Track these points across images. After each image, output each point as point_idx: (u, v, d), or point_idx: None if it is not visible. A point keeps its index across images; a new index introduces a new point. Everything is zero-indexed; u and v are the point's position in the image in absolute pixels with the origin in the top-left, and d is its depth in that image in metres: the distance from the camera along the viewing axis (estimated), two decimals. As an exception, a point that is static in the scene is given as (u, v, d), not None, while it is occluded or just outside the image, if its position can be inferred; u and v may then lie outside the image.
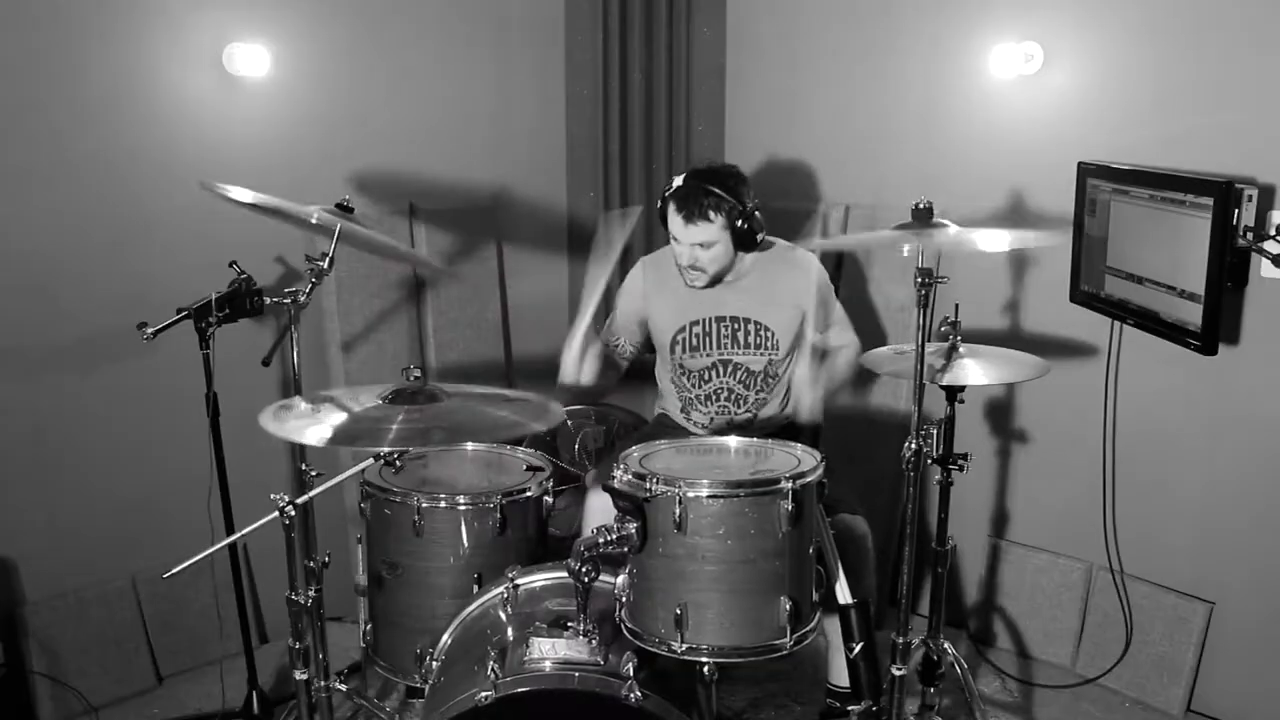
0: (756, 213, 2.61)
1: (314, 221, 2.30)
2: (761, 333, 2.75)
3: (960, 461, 2.42)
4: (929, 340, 2.21)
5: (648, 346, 2.93)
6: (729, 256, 2.65)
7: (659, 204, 2.67)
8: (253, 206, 2.33)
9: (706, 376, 2.78)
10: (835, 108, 3.44)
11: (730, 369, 2.76)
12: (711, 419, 2.80)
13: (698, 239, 2.59)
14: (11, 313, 2.70)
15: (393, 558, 2.31)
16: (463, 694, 1.86)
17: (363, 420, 1.92)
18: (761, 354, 2.76)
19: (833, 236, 3.33)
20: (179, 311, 2.50)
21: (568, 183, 3.66)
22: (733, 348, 2.75)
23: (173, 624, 3.03)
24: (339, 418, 1.92)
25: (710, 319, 2.75)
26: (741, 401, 2.78)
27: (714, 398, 2.79)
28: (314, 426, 1.87)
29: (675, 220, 2.60)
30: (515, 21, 3.48)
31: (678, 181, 2.62)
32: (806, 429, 2.78)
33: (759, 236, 2.61)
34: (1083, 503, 3.02)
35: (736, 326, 2.75)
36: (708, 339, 2.75)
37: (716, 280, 2.69)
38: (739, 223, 2.58)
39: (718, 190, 2.56)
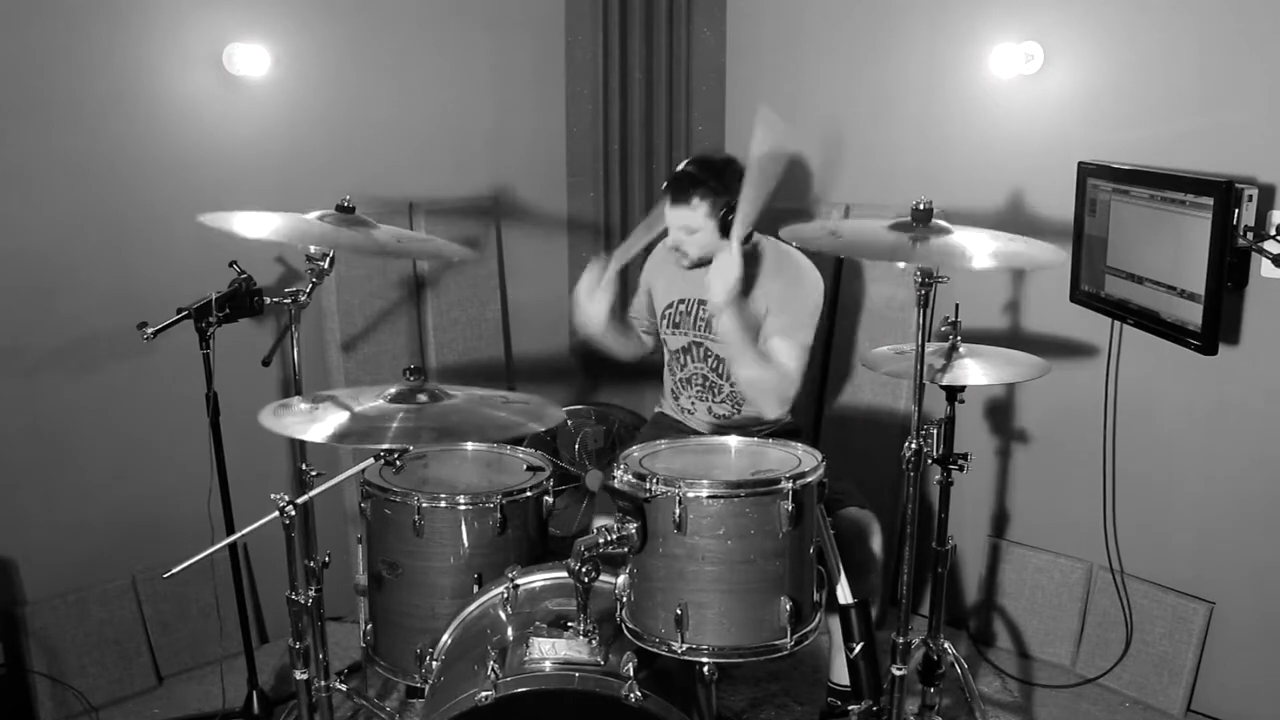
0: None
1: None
2: None
3: (960, 461, 2.42)
4: (929, 340, 2.20)
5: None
6: (714, 244, 2.66)
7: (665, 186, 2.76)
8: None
9: (682, 360, 2.84)
10: (835, 108, 3.44)
11: (703, 353, 2.79)
12: (694, 404, 2.83)
13: (680, 223, 2.66)
14: (11, 313, 2.70)
15: (393, 558, 2.31)
16: (463, 694, 1.86)
17: (362, 419, 1.92)
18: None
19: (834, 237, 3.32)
20: (179, 311, 2.50)
21: (568, 183, 3.65)
22: (706, 330, 2.78)
23: (173, 624, 3.02)
24: (339, 416, 1.92)
25: (694, 300, 2.80)
26: (716, 391, 2.80)
27: (691, 382, 2.83)
28: (313, 425, 1.88)
29: (665, 201, 2.69)
30: (515, 21, 3.48)
31: (680, 166, 2.71)
32: (805, 430, 2.77)
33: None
34: (1083, 503, 3.02)
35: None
36: (687, 318, 2.81)
37: (702, 263, 2.69)
38: (724, 214, 2.62)
39: (707, 179, 2.62)
